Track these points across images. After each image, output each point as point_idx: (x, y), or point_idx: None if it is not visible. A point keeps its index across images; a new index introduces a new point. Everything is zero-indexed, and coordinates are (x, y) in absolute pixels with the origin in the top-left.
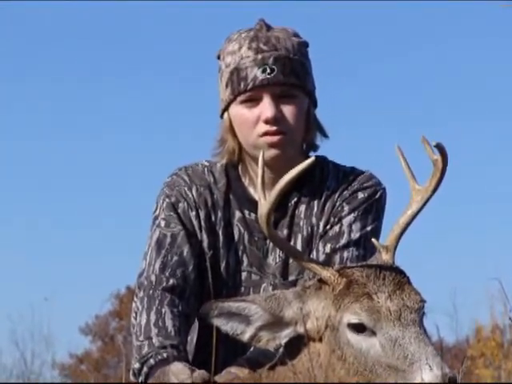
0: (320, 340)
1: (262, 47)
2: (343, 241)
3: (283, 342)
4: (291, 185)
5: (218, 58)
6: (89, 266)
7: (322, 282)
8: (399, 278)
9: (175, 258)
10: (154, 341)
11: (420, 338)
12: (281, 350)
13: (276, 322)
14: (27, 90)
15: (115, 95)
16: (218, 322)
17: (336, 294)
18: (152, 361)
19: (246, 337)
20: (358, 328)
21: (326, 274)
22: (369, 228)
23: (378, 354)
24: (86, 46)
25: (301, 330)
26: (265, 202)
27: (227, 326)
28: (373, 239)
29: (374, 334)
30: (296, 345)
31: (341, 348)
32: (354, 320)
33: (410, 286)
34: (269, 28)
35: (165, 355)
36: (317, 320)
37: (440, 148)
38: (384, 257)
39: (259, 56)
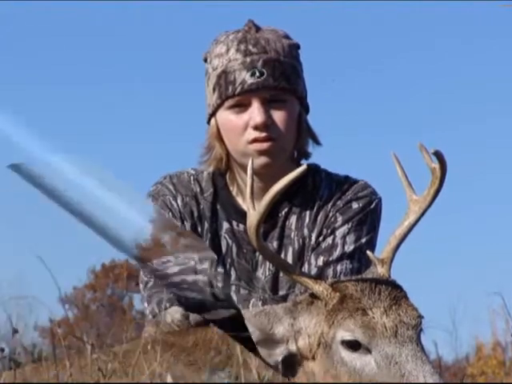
0: (313, 358)
1: (250, 49)
2: (336, 253)
3: (279, 359)
4: (282, 194)
5: (205, 60)
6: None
7: (314, 296)
8: (395, 293)
9: None
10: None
11: (417, 355)
12: (279, 366)
13: (267, 340)
14: (22, 90)
15: (112, 96)
16: None
17: (329, 310)
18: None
19: None
20: (352, 345)
21: (319, 288)
22: (363, 240)
23: (374, 372)
24: (73, 49)
25: (293, 347)
26: (254, 212)
27: None
28: (368, 252)
29: (368, 351)
30: (292, 362)
31: (334, 366)
32: (348, 337)
33: (407, 301)
34: (258, 29)
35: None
36: (309, 337)
37: (438, 155)
38: (380, 270)
39: (248, 59)
